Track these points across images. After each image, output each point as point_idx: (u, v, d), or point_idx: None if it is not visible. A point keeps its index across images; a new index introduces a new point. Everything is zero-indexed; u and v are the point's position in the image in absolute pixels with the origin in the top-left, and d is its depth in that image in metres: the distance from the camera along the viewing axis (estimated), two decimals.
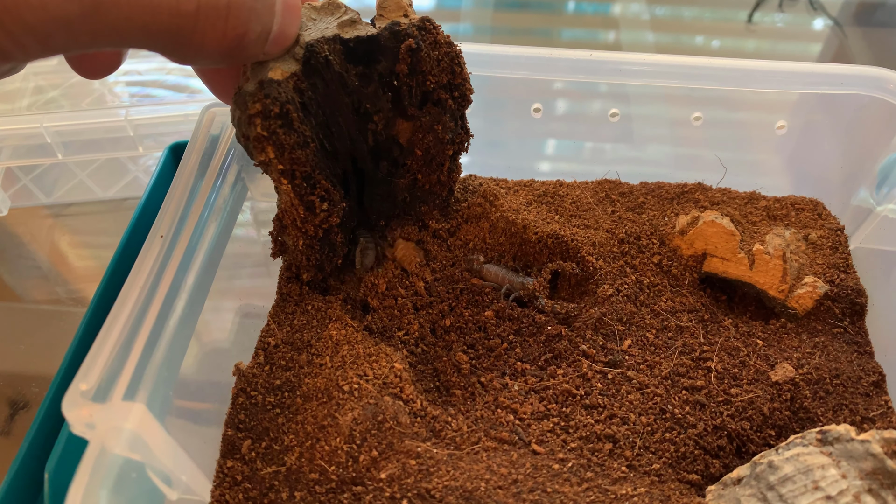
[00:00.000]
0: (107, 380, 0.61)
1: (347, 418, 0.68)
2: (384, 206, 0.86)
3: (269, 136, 0.67)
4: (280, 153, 0.69)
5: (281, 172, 0.70)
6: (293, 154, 0.69)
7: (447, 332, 0.83)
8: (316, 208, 0.74)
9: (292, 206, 0.74)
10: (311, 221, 0.76)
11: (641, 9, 1.66)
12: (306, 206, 0.74)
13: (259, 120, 0.66)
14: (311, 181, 0.73)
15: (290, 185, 0.72)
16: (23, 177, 1.21)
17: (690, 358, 0.79)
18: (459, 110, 0.80)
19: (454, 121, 0.80)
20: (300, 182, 0.72)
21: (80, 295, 1.10)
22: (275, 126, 0.67)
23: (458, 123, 0.81)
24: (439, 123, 0.79)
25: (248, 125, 0.68)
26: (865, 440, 0.64)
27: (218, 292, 0.84)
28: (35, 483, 0.69)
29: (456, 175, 0.87)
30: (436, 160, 0.82)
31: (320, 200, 0.74)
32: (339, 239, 0.81)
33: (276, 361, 0.77)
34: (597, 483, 0.68)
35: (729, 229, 0.86)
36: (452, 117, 0.80)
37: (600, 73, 0.95)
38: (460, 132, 0.82)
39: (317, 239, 0.78)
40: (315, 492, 0.66)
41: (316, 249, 0.79)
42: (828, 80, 0.91)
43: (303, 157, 0.70)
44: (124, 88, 1.34)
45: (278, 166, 0.70)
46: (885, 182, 0.91)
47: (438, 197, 0.89)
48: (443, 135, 0.79)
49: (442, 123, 0.79)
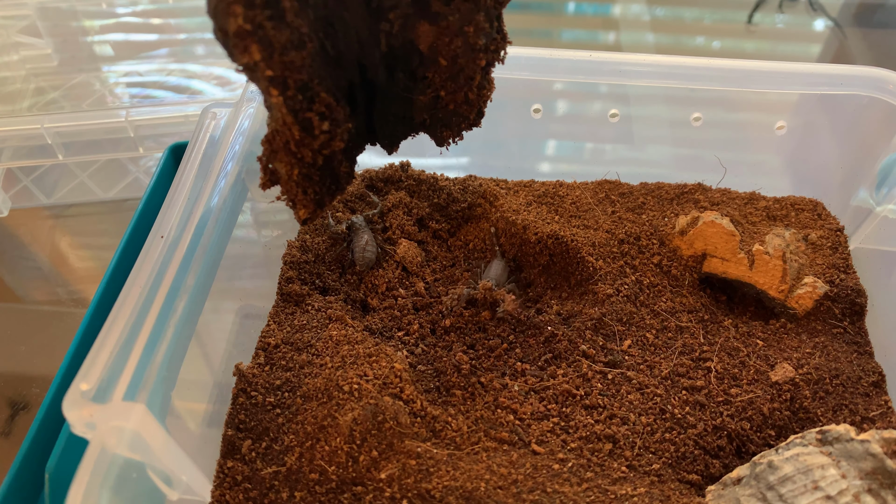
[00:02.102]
0: (107, 380, 0.61)
1: (347, 418, 0.68)
2: (398, 129, 0.70)
3: (253, 31, 0.53)
4: (268, 54, 0.54)
5: (270, 80, 0.56)
6: (285, 56, 0.55)
7: (447, 332, 0.83)
8: (314, 129, 0.59)
9: (285, 126, 0.59)
10: (309, 145, 0.60)
11: (641, 10, 1.66)
12: (302, 126, 0.59)
13: (240, 8, 0.52)
14: (308, 93, 0.57)
15: (282, 98, 0.57)
16: (23, 178, 1.21)
17: (690, 358, 0.80)
18: (497, 7, 0.64)
19: (489, 21, 0.63)
20: (294, 94, 0.57)
21: (80, 296, 1.10)
22: (261, 17, 0.53)
23: (493, 25, 0.64)
24: (471, 24, 0.62)
25: (225, 15, 0.53)
26: (865, 440, 0.64)
27: (218, 293, 0.84)
28: (35, 483, 0.69)
29: (487, 93, 0.70)
30: (464, 73, 0.65)
31: (320, 119, 0.59)
32: (344, 168, 0.65)
33: (276, 362, 0.77)
34: (597, 483, 0.68)
35: (729, 230, 0.86)
36: (488, 16, 0.62)
37: (600, 74, 0.95)
38: (496, 36, 0.65)
39: (315, 167, 0.62)
40: (315, 492, 0.66)
41: (315, 181, 0.64)
42: (828, 81, 0.91)
43: (298, 61, 0.55)
44: (125, 89, 1.34)
45: (267, 72, 0.55)
46: (885, 182, 0.91)
47: (465, 120, 0.71)
48: (475, 39, 0.62)
49: (475, 24, 0.61)
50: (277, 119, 0.59)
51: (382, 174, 0.98)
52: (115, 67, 1.38)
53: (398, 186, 0.97)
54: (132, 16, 1.48)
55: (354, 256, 0.87)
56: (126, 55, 1.41)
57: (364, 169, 1.00)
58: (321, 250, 0.90)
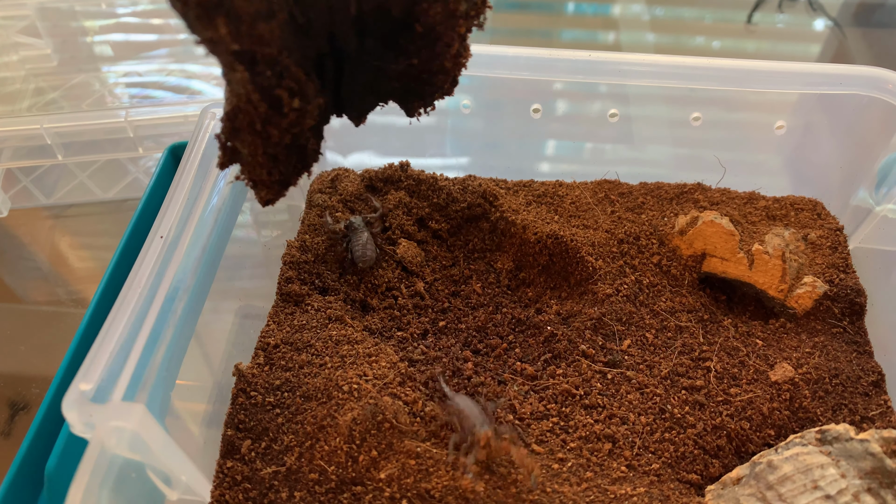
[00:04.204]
0: (107, 380, 0.61)
1: (347, 418, 0.68)
2: (367, 100, 0.64)
3: (220, 3, 0.47)
4: (236, 28, 0.48)
5: (235, 55, 0.50)
6: (254, 29, 0.49)
7: (447, 331, 0.83)
8: (284, 106, 0.54)
9: (250, 103, 0.53)
10: (277, 124, 0.55)
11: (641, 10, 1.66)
12: (270, 104, 0.53)
13: None
14: (277, 68, 0.52)
15: (249, 74, 0.51)
16: (23, 178, 1.21)
17: (690, 358, 0.80)
18: None
19: None
20: (262, 69, 0.51)
21: (80, 296, 1.10)
22: None
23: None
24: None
25: None
26: (864, 439, 0.64)
27: (218, 293, 0.84)
28: (35, 483, 0.69)
29: (464, 61, 0.63)
30: (442, 40, 0.59)
31: (290, 95, 0.53)
32: (312, 145, 0.60)
33: (276, 362, 0.77)
34: (596, 483, 0.68)
35: (728, 229, 0.86)
36: None
37: (600, 74, 0.95)
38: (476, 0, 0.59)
39: (282, 146, 0.57)
40: (315, 492, 0.66)
41: (281, 160, 0.58)
42: (827, 81, 0.91)
43: (267, 34, 0.49)
44: (124, 90, 1.34)
45: (232, 46, 0.49)
46: (885, 182, 0.91)
47: (439, 89, 0.65)
48: (455, 5, 0.57)
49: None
50: (241, 95, 0.53)
51: (382, 174, 0.98)
52: (114, 67, 1.38)
53: (398, 186, 0.97)
54: (132, 16, 1.48)
55: (354, 255, 0.87)
56: (126, 55, 1.40)
57: (364, 169, 1.00)
58: (321, 250, 0.90)
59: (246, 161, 0.58)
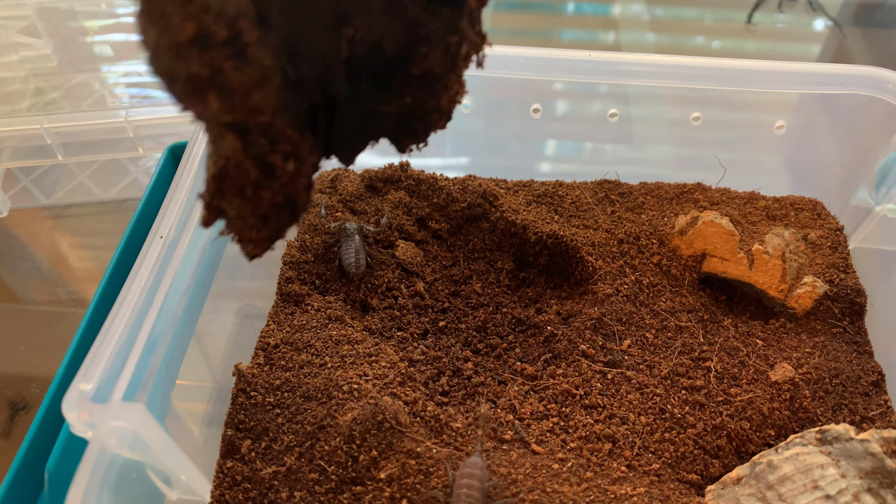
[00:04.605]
0: (107, 380, 0.61)
1: (347, 418, 0.68)
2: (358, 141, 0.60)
3: (212, 78, 0.42)
4: (228, 101, 0.44)
5: (227, 126, 0.46)
6: (248, 100, 0.44)
7: (447, 331, 0.83)
8: (277, 170, 0.50)
9: (240, 169, 0.48)
10: (269, 187, 0.50)
11: (641, 10, 1.66)
12: (263, 170, 0.49)
13: (194, 52, 0.41)
14: (271, 134, 0.48)
15: (241, 143, 0.47)
16: (23, 178, 1.21)
17: (690, 358, 0.80)
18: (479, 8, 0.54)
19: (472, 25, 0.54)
20: (256, 138, 0.47)
21: (80, 296, 1.10)
22: (220, 60, 0.42)
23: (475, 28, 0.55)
24: (455, 32, 0.52)
25: (174, 58, 0.42)
26: (865, 439, 0.64)
27: (218, 293, 0.84)
28: (35, 483, 0.69)
29: (459, 98, 0.60)
30: (440, 82, 0.56)
31: (284, 159, 0.49)
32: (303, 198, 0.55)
33: (276, 362, 0.77)
34: (596, 483, 0.68)
35: (728, 229, 0.86)
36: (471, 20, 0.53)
37: (600, 74, 0.95)
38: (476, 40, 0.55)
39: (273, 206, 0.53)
40: (315, 492, 0.66)
41: (271, 218, 0.53)
42: (827, 81, 0.91)
43: (261, 102, 0.45)
44: (124, 90, 1.34)
45: (224, 119, 0.45)
46: (884, 182, 0.91)
47: (433, 126, 0.61)
48: (457, 49, 0.53)
49: (459, 33, 0.52)
50: (230, 161, 0.48)
51: (382, 174, 0.98)
52: (114, 67, 1.37)
53: (398, 186, 0.98)
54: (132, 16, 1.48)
55: (343, 262, 0.87)
56: (126, 55, 1.40)
57: (364, 169, 1.00)
58: (321, 250, 0.90)
59: (231, 220, 0.53)
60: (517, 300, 0.88)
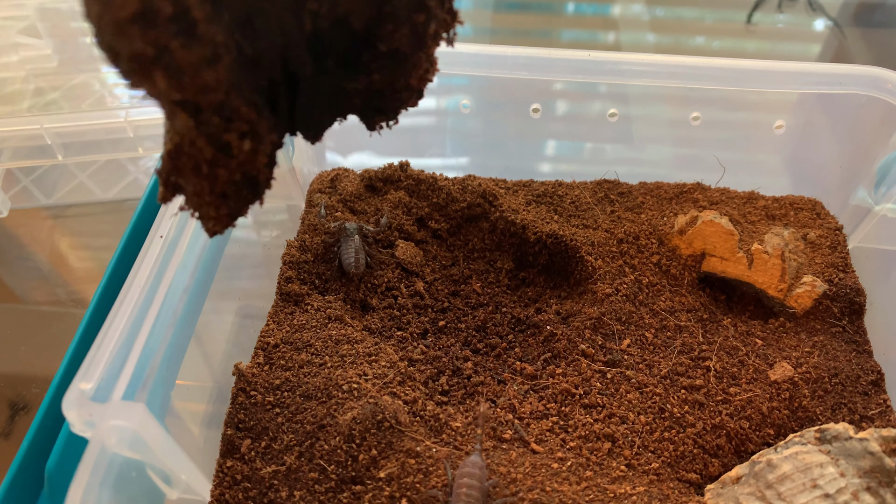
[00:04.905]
0: (107, 380, 0.61)
1: (347, 417, 0.68)
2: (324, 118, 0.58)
3: (157, 56, 0.40)
4: (177, 79, 0.42)
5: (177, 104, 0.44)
6: (198, 79, 0.43)
7: (446, 331, 0.83)
8: (233, 149, 0.48)
9: (194, 147, 0.47)
10: (226, 165, 0.49)
11: (641, 10, 1.66)
12: (218, 148, 0.48)
13: (137, 29, 0.39)
14: (224, 113, 0.46)
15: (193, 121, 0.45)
16: (23, 178, 1.21)
17: (689, 357, 0.80)
18: None
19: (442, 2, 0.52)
20: (209, 117, 0.45)
21: (80, 296, 1.10)
22: (166, 38, 0.40)
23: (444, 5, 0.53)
24: (421, 10, 0.50)
25: (116, 35, 0.39)
26: (864, 438, 0.64)
27: (217, 293, 0.84)
28: (35, 483, 0.69)
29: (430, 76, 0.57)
30: (408, 61, 0.54)
31: (240, 138, 0.48)
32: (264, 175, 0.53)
33: (276, 361, 0.77)
34: (596, 482, 0.68)
35: (727, 229, 0.86)
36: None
37: (599, 74, 0.95)
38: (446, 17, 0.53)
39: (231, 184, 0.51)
40: (315, 491, 0.66)
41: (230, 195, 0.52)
42: (826, 80, 0.91)
43: (212, 81, 0.43)
44: (124, 90, 1.34)
45: (173, 97, 0.44)
46: (884, 181, 0.91)
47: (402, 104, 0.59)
48: (424, 28, 0.51)
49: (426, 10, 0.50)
50: (184, 138, 0.46)
51: (381, 174, 0.98)
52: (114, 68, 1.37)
53: (397, 186, 0.98)
54: None
55: (343, 262, 0.87)
56: None
57: (363, 169, 1.00)
58: (321, 250, 0.90)
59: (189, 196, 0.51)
60: (517, 300, 0.89)
